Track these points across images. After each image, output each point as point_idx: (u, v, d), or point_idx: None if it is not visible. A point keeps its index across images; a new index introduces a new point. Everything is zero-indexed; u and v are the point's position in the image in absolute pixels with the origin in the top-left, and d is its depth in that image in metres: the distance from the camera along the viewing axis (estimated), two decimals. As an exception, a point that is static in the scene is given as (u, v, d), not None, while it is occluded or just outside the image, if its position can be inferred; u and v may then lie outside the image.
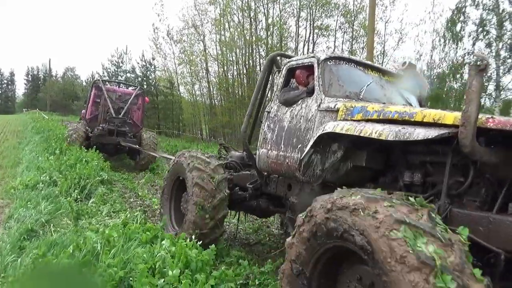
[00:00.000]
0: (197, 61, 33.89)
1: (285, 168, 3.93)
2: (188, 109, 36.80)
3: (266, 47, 29.97)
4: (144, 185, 9.77)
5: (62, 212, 5.67)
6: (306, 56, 4.30)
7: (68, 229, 4.86)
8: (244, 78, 31.40)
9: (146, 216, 6.43)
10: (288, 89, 4.38)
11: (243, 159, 5.47)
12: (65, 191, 6.81)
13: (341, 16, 29.15)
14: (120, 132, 12.40)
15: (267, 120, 4.46)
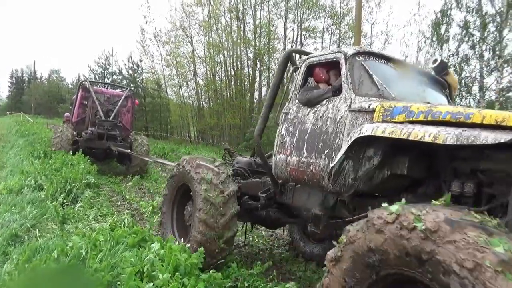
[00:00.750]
0: (184, 63, 33.80)
1: (309, 176, 3.51)
2: (176, 111, 36.62)
3: (254, 49, 30.03)
4: (131, 188, 9.68)
5: (48, 216, 5.58)
6: (330, 51, 3.89)
7: (53, 234, 4.79)
8: (232, 80, 31.40)
9: (134, 220, 6.36)
10: (309, 88, 4.00)
11: (251, 165, 5.09)
12: (51, 195, 6.71)
13: (328, 18, 29.40)
14: (110, 136, 11.75)
15: (285, 123, 4.02)
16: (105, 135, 11.55)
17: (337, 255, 2.27)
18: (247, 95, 31.01)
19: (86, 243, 3.41)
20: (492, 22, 17.54)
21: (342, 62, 3.53)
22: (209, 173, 4.18)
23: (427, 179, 2.89)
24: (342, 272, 2.22)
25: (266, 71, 31.00)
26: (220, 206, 4.02)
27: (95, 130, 11.51)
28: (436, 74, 4.07)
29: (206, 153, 20.84)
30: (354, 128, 3.08)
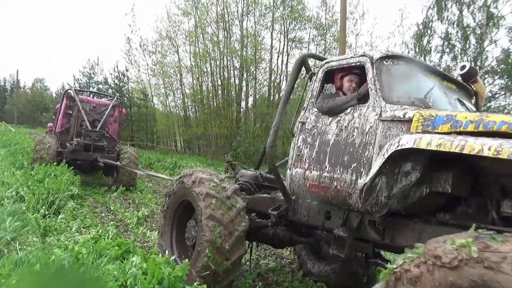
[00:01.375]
0: (171, 73, 33.76)
1: (333, 193, 3.17)
2: (162, 121, 36.44)
3: (241, 59, 30.20)
4: (116, 199, 9.54)
5: (29, 229, 5.45)
6: (352, 55, 3.58)
7: (35, 247, 4.67)
8: (219, 90, 31.45)
9: (118, 231, 6.25)
10: (328, 96, 3.71)
11: (257, 179, 4.71)
12: (33, 207, 6.56)
13: (313, 29, 29.81)
14: (97, 147, 11.12)
15: (302, 133, 3.68)
16: (92, 146, 10.97)
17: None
18: (234, 105, 31.08)
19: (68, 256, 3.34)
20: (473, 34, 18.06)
21: (368, 67, 3.24)
22: (214, 188, 3.76)
23: (468, 197, 2.60)
24: None
25: (253, 80, 31.17)
26: (228, 224, 3.59)
27: (81, 141, 10.92)
28: (464, 81, 3.87)
29: (193, 163, 20.76)
30: (387, 140, 2.81)
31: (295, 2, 29.09)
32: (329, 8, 29.06)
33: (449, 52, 19.08)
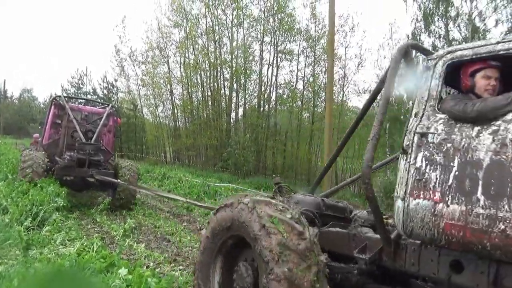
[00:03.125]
0: (161, 83, 33.72)
1: (498, 240, 2.21)
2: (152, 131, 36.25)
3: (231, 70, 30.34)
4: (102, 211, 9.38)
5: (11, 242, 5.31)
6: (497, 40, 2.57)
7: (16, 260, 4.54)
8: (209, 101, 31.47)
9: (104, 243, 6.14)
10: (459, 97, 2.82)
11: (319, 207, 3.71)
12: (16, 219, 6.40)
13: (303, 41, 30.15)
14: (93, 162, 9.71)
15: (424, 149, 2.69)
16: (87, 161, 9.58)
17: None
18: (224, 116, 31.09)
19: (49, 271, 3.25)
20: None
21: None
22: (281, 220, 2.83)
23: None
24: None
25: (243, 91, 31.27)
26: (305, 253, 2.66)
27: (74, 155, 9.48)
28: None
29: (181, 174, 20.58)
30: None
31: (285, 14, 29.45)
32: (319, 20, 29.48)
33: (435, 64, 19.44)
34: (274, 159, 30.67)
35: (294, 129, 30.44)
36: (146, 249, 6.31)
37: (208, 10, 30.48)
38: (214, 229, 3.30)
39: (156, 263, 5.56)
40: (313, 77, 30.23)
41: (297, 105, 31.02)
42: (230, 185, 18.76)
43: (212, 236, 3.34)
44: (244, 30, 30.41)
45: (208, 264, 3.34)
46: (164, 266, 5.42)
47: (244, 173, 27.14)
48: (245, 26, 30.32)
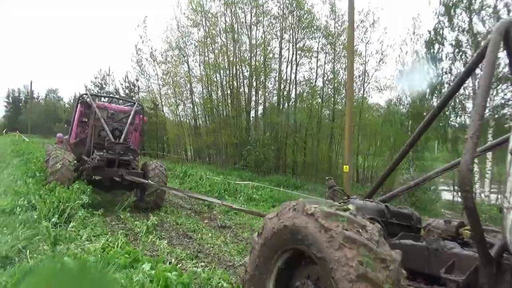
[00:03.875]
0: (181, 82, 34.09)
1: None
2: (173, 130, 36.69)
3: (250, 68, 30.39)
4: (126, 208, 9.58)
5: (40, 238, 5.50)
6: None
7: (45, 255, 4.71)
8: (228, 99, 31.63)
9: (128, 240, 6.28)
10: None
11: (383, 215, 3.20)
12: (44, 215, 6.63)
13: (323, 37, 29.89)
14: (123, 162, 9.40)
15: None
16: (117, 161, 9.29)
17: None
18: (244, 114, 31.19)
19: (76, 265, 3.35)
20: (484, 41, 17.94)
21: None
22: (353, 228, 2.28)
23: None
24: None
25: (262, 89, 31.28)
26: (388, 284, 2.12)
27: (104, 155, 9.16)
28: None
29: (202, 172, 20.78)
30: None
31: (304, 11, 29.27)
32: (338, 16, 29.17)
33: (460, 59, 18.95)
34: (294, 156, 30.57)
35: (314, 126, 30.26)
36: (169, 246, 6.42)
37: (227, 9, 30.62)
38: (269, 238, 2.83)
39: (178, 259, 5.66)
40: (333, 74, 29.97)
41: (317, 102, 30.81)
42: (251, 182, 18.83)
43: (265, 249, 2.88)
44: (263, 27, 30.41)
45: (262, 280, 2.90)
46: (186, 263, 5.51)
47: (264, 171, 27.19)
48: (264, 24, 30.32)
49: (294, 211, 2.63)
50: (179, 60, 34.05)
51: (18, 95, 76.65)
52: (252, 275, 2.95)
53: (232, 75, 31.25)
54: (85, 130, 10.46)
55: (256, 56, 30.59)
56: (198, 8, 31.45)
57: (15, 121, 68.31)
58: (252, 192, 15.95)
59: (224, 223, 9.24)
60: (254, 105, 31.92)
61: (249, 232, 8.60)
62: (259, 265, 2.92)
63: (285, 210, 2.71)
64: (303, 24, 29.31)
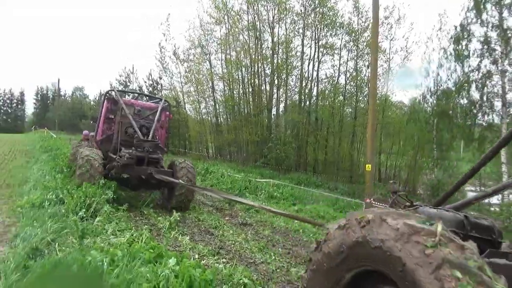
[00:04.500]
0: (203, 80, 34.37)
1: None
2: (195, 127, 37.10)
3: (272, 66, 30.33)
4: (149, 203, 9.76)
5: (68, 231, 5.67)
6: None
7: (73, 248, 4.86)
8: (249, 96, 31.69)
9: (151, 235, 6.40)
10: None
11: (463, 227, 2.66)
12: (71, 209, 6.83)
13: (345, 34, 29.53)
14: (152, 160, 9.17)
15: None
16: (146, 159, 9.02)
17: None
18: (265, 112, 31.19)
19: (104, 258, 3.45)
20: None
21: None
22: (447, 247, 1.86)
23: None
24: None
25: (284, 87, 31.18)
26: None
27: (133, 152, 8.86)
28: None
29: (223, 169, 20.93)
30: None
31: (327, 8, 28.97)
32: (362, 13, 28.74)
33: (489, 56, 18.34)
34: (315, 155, 30.38)
35: (336, 124, 29.98)
36: (191, 242, 6.51)
37: (250, 6, 30.64)
38: (334, 254, 2.42)
39: (201, 255, 5.73)
40: (356, 72, 29.57)
41: (339, 100, 30.50)
42: (271, 180, 18.83)
43: (329, 262, 2.46)
44: (285, 25, 30.29)
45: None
46: (208, 259, 5.57)
47: (284, 169, 27.15)
48: (286, 21, 30.19)
49: (368, 223, 2.19)
50: (201, 58, 34.38)
51: (46, 92, 79.12)
52: None
53: (253, 72, 31.31)
54: (111, 127, 10.17)
55: (278, 53, 30.52)
56: (221, 6, 31.63)
57: (43, 118, 70.54)
58: (272, 190, 15.97)
59: (245, 220, 9.29)
60: (275, 103, 31.92)
61: (270, 229, 8.63)
62: (320, 283, 2.54)
63: (354, 221, 2.27)
64: (326, 21, 29.03)
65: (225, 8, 31.55)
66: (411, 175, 33.45)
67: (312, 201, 16.15)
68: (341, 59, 30.24)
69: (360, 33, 29.17)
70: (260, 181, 18.39)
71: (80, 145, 11.62)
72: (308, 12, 29.69)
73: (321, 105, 30.65)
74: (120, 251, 3.69)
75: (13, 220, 6.48)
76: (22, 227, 5.62)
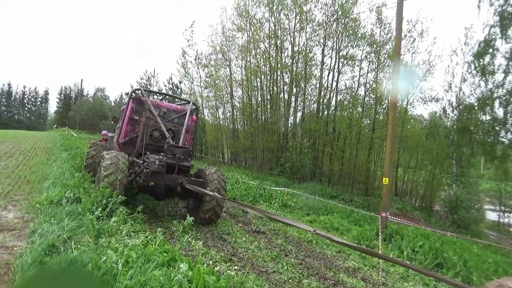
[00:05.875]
0: (222, 86, 34.61)
1: None
2: (212, 132, 37.31)
3: (291, 74, 30.34)
4: (164, 206, 9.83)
5: (84, 229, 5.75)
6: None
7: (88, 247, 4.91)
8: (267, 104, 31.73)
9: (165, 238, 6.43)
10: None
11: None
12: (88, 208, 6.93)
13: (367, 46, 29.33)
14: (182, 168, 8.37)
15: None
16: (177, 167, 8.11)
17: None
18: (282, 120, 31.16)
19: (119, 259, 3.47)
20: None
21: None
22: None
23: None
24: None
25: (302, 96, 31.12)
26: None
27: (163, 159, 7.94)
28: None
29: (238, 175, 20.93)
30: None
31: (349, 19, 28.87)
32: (385, 25, 28.53)
33: (514, 72, 17.93)
34: (331, 165, 30.12)
35: (354, 136, 29.71)
36: (204, 247, 6.51)
37: (272, 15, 30.80)
38: None
39: (213, 261, 5.72)
40: (376, 83, 29.30)
41: (358, 112, 30.24)
42: (286, 189, 18.74)
43: None
44: (306, 34, 30.31)
45: None
46: (221, 265, 5.56)
47: (299, 178, 26.99)
48: (307, 31, 30.22)
49: None
50: (221, 64, 34.67)
51: (70, 92, 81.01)
52: None
53: (272, 80, 31.36)
54: (135, 129, 9.40)
55: (298, 62, 30.52)
56: (244, 14, 31.89)
57: (64, 116, 72.16)
58: (287, 199, 15.87)
59: (258, 228, 9.24)
60: (293, 112, 31.84)
61: (283, 239, 8.56)
62: None
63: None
64: (347, 32, 28.91)
65: (248, 15, 31.81)
66: (428, 190, 32.82)
67: (326, 212, 15.97)
68: (361, 70, 30.06)
69: (382, 45, 28.95)
70: (275, 189, 18.32)
71: (97, 145, 11.26)
72: (330, 22, 29.66)
73: (339, 115, 30.44)
74: (135, 253, 3.70)
75: (32, 216, 6.62)
76: (40, 224, 5.73)
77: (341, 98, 30.97)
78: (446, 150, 29.85)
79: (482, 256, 10.58)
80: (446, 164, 31.00)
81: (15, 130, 49.56)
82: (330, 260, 7.48)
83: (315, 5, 29.74)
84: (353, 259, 7.87)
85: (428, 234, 11.18)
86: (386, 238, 10.20)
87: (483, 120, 20.49)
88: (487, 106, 19.38)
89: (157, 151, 8.83)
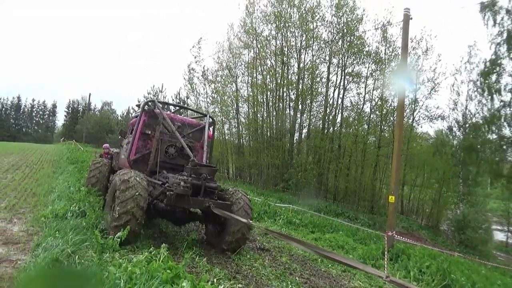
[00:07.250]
0: (228, 102, 34.85)
1: None
2: (217, 148, 37.37)
3: (297, 91, 30.51)
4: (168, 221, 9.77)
5: (88, 244, 5.73)
6: None
7: (91, 262, 4.88)
8: (273, 120, 31.84)
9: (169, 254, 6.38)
10: None
11: None
12: (92, 223, 6.91)
13: (372, 63, 29.51)
14: (209, 190, 7.39)
15: None
16: (203, 188, 7.18)
17: None
18: (287, 136, 31.19)
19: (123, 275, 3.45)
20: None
21: None
22: None
23: None
24: None
25: (308, 113, 31.21)
26: None
27: (189, 179, 6.99)
28: None
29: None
30: None
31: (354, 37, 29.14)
32: (390, 43, 28.75)
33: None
34: (337, 182, 29.96)
35: (359, 153, 29.62)
36: (208, 263, 6.44)
37: (279, 32, 31.17)
38: None
39: (217, 278, 5.65)
40: (381, 101, 29.35)
41: (363, 129, 30.22)
42: (291, 206, 18.62)
43: None
44: (312, 51, 30.58)
45: None
46: (225, 282, 5.49)
47: (304, 195, 26.85)
48: (313, 48, 30.49)
49: None
50: (228, 80, 34.98)
51: (77, 105, 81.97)
52: None
53: (278, 96, 31.55)
54: (147, 145, 8.52)
55: (304, 79, 30.73)
56: (251, 31, 32.31)
57: (71, 130, 72.85)
58: (291, 216, 15.75)
59: (263, 245, 9.15)
60: (298, 128, 31.89)
61: (288, 257, 8.46)
62: None
63: None
64: (353, 50, 29.15)
65: (255, 33, 32.23)
66: (435, 209, 32.43)
67: (331, 230, 15.81)
68: (366, 87, 30.17)
69: (387, 62, 29.12)
70: (279, 205, 18.20)
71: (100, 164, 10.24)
72: (336, 40, 29.95)
73: (344, 132, 30.43)
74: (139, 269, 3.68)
75: (37, 229, 6.61)
76: (45, 237, 5.72)
77: (347, 115, 31.03)
78: (453, 168, 29.60)
79: (491, 278, 10.37)
80: (452, 183, 30.70)
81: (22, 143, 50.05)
82: (336, 279, 7.36)
83: (321, 23, 30.11)
84: (358, 279, 7.74)
85: (435, 254, 11.01)
86: (393, 257, 10.05)
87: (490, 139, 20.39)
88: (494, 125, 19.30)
89: (172, 169, 8.10)
